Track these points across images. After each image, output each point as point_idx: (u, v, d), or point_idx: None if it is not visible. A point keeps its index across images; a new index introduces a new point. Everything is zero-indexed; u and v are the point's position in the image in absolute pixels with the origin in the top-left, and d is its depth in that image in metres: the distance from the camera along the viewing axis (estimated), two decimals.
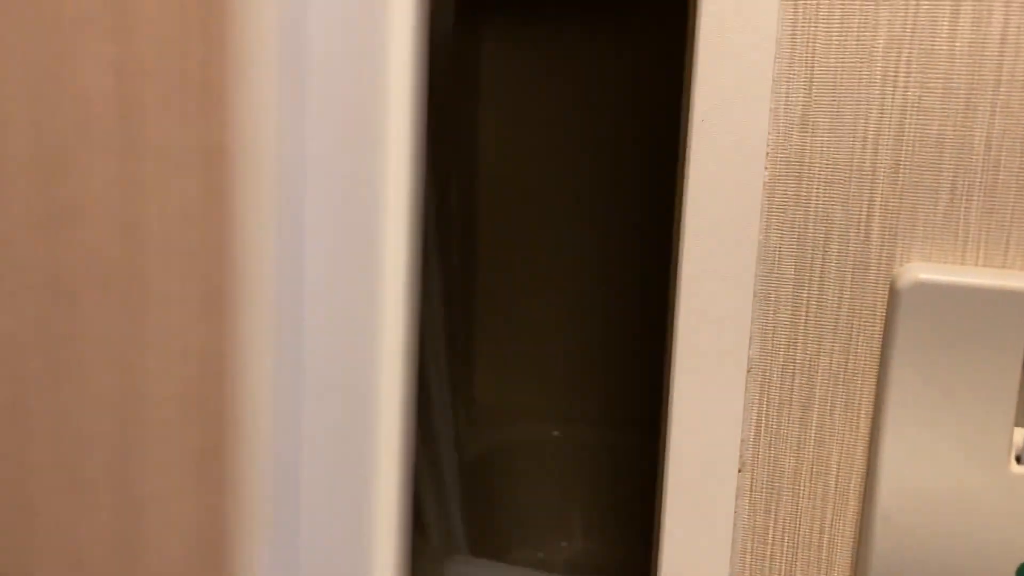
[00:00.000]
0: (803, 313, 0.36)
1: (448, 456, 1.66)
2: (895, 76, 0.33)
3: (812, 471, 0.37)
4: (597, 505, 2.15)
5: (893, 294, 0.34)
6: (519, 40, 2.12)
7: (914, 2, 0.32)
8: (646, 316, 2.11)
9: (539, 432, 2.17)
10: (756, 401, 0.37)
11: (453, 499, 1.67)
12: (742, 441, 0.37)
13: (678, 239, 0.36)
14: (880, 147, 0.34)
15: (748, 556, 0.38)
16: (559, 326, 2.21)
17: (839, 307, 0.35)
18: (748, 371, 0.36)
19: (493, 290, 2.26)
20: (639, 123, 2.03)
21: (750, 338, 0.36)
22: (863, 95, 0.33)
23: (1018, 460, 0.33)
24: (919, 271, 0.33)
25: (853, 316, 0.35)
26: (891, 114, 0.33)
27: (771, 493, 0.37)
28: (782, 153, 0.35)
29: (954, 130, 0.33)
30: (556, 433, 2.17)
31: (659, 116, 2.02)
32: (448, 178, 1.71)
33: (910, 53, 0.33)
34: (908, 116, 0.33)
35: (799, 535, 0.37)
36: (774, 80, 0.34)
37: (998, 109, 0.32)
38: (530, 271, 2.21)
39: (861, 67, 0.33)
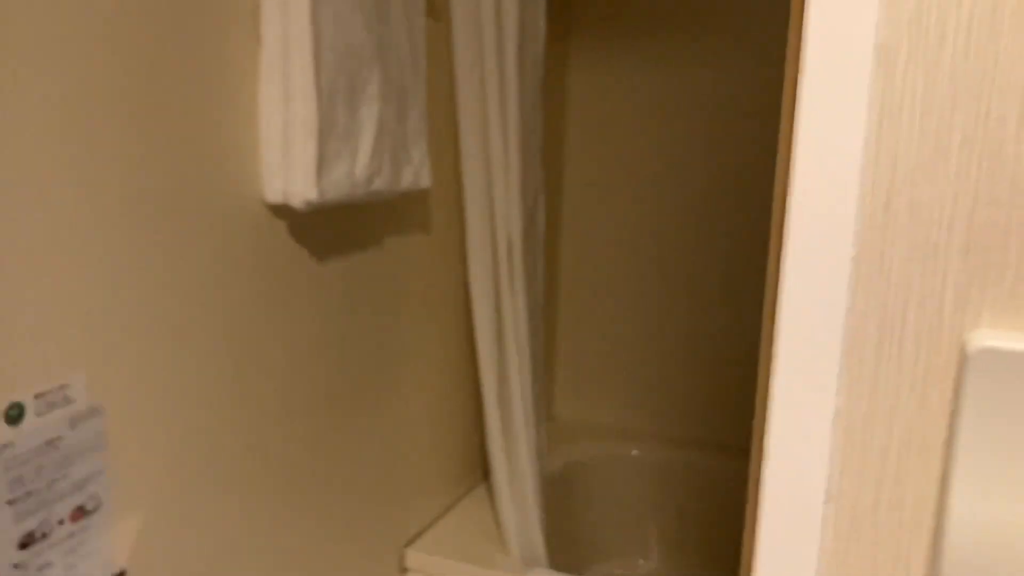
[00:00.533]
0: (884, 368, 0.41)
1: (530, 472, 1.73)
2: (967, 170, 0.39)
3: (889, 506, 0.42)
4: (674, 524, 2.20)
5: (963, 357, 0.39)
6: (605, 62, 2.19)
7: (984, 109, 0.38)
8: (726, 340, 2.16)
9: (619, 450, 2.23)
10: (842, 442, 0.42)
11: (534, 514, 1.74)
12: (829, 476, 0.43)
13: (775, 302, 0.42)
14: (954, 230, 0.39)
15: None
16: (640, 347, 2.27)
17: (916, 364, 0.41)
18: (835, 416, 0.42)
19: (575, 310, 2.33)
20: (720, 145, 2.08)
21: (838, 388, 0.42)
22: (939, 186, 0.39)
23: None
24: (986, 338, 0.39)
25: (928, 373, 0.41)
26: (964, 202, 0.39)
27: (853, 523, 0.43)
28: (868, 232, 0.40)
29: (1020, 218, 0.38)
30: (635, 452, 2.22)
31: (741, 139, 2.06)
32: (535, 201, 1.78)
33: (982, 151, 0.39)
34: (979, 205, 0.39)
35: (877, 562, 0.43)
36: (862, 171, 0.40)
37: None
38: (612, 292, 2.27)
39: (938, 162, 0.39)
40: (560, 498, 2.08)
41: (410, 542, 1.72)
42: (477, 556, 1.69)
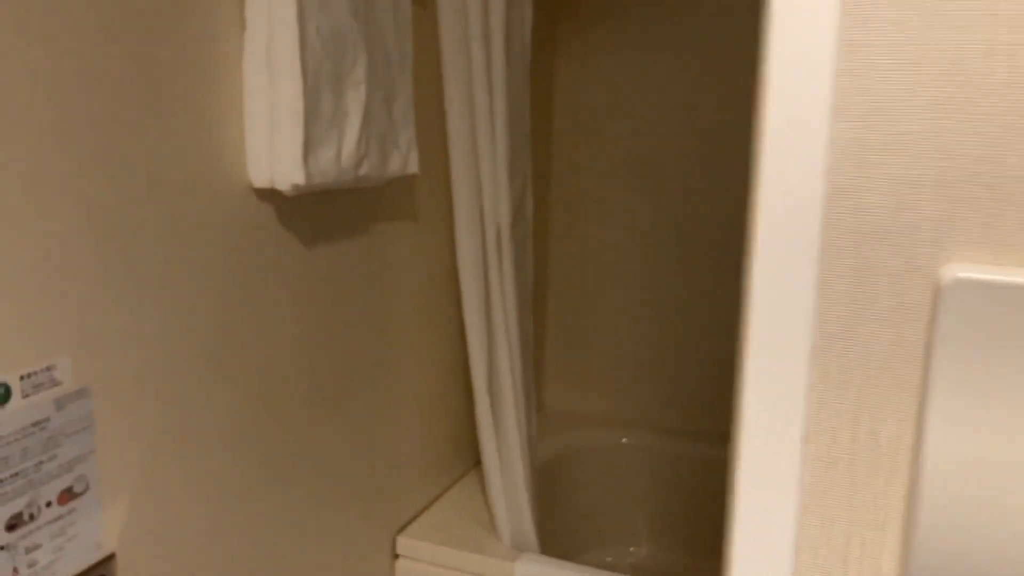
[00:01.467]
0: (859, 305, 0.42)
1: (520, 458, 1.73)
2: (938, 104, 0.39)
3: (867, 442, 0.43)
4: (664, 512, 2.20)
5: (937, 290, 0.40)
6: (594, 50, 2.19)
7: (955, 45, 0.38)
8: (717, 329, 2.16)
9: (609, 439, 2.24)
10: (818, 380, 0.43)
11: (524, 500, 1.74)
12: (806, 415, 0.43)
13: (750, 244, 0.43)
14: (925, 165, 0.40)
15: (811, 516, 0.44)
16: (630, 336, 2.27)
17: (891, 300, 0.41)
18: (811, 354, 0.42)
19: (565, 299, 2.33)
20: (711, 133, 2.09)
21: (812, 327, 0.42)
22: (910, 120, 0.40)
23: None
24: (959, 270, 0.39)
25: (904, 309, 0.41)
26: (934, 137, 0.39)
27: (831, 462, 0.43)
28: (840, 169, 0.41)
29: (991, 151, 0.39)
30: (625, 440, 2.23)
31: (731, 128, 2.07)
32: (524, 188, 1.78)
33: (955, 87, 0.39)
34: (949, 138, 0.39)
35: (855, 498, 0.43)
36: (834, 109, 0.40)
37: None
38: (602, 281, 2.28)
39: (908, 98, 0.39)
40: (551, 486, 2.08)
41: (402, 528, 1.73)
42: (468, 542, 1.69)
